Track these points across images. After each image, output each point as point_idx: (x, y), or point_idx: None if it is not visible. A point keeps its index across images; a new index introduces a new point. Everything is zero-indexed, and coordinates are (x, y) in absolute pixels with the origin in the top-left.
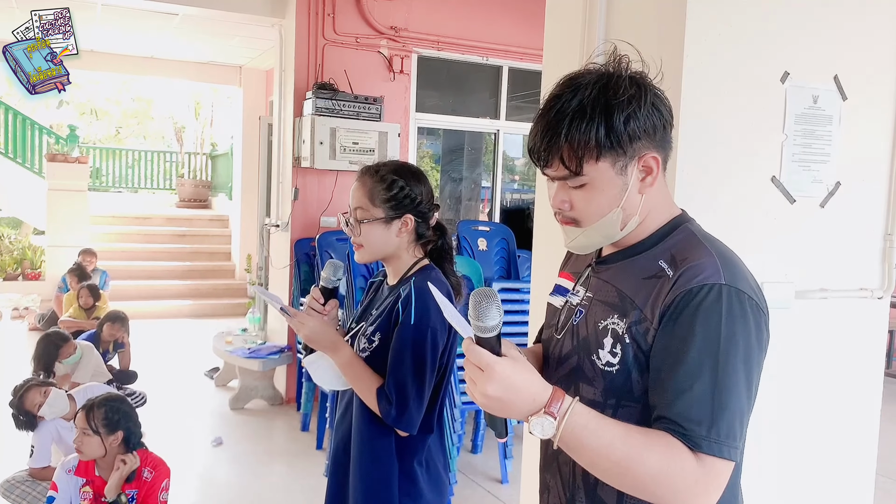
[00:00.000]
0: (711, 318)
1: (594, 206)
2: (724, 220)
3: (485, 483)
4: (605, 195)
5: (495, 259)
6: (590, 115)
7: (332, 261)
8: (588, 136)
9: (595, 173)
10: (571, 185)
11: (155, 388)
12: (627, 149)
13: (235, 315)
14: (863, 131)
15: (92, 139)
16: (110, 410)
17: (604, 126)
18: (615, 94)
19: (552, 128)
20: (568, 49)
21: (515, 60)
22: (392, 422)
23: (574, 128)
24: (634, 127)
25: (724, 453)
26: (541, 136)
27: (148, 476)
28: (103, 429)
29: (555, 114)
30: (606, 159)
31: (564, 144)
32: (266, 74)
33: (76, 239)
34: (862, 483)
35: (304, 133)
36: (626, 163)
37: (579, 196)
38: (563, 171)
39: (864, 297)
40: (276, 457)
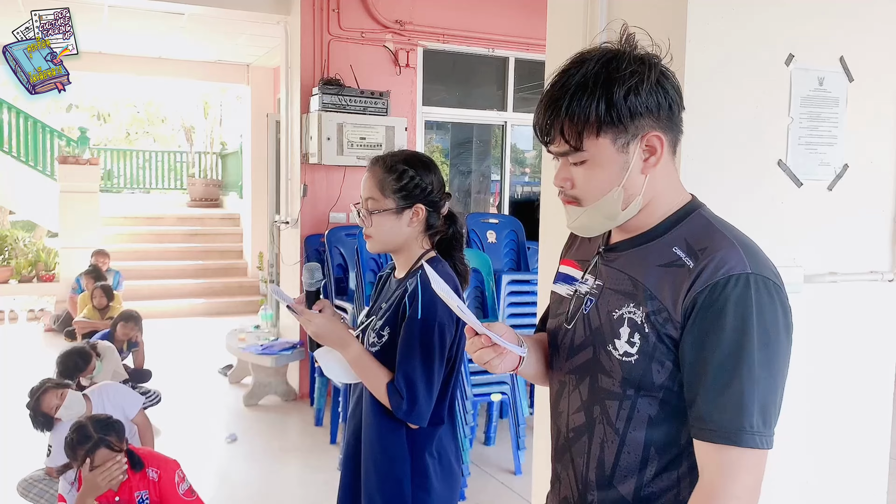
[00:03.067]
0: (742, 310)
1: (595, 184)
2: (731, 205)
3: (498, 474)
4: (606, 172)
5: (505, 251)
6: (591, 90)
7: (308, 264)
8: (588, 110)
9: (595, 149)
10: (573, 161)
11: (169, 387)
12: (629, 125)
13: (248, 312)
14: (870, 113)
15: (102, 141)
16: (76, 441)
17: (604, 100)
18: (617, 69)
19: (554, 102)
20: (570, 38)
21: (521, 51)
22: (403, 415)
23: (575, 102)
24: (635, 103)
25: (763, 444)
26: (543, 110)
27: (154, 475)
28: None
29: (558, 89)
30: (607, 135)
31: (565, 119)
32: (273, 72)
33: (89, 240)
34: (875, 467)
35: (311, 129)
36: (627, 140)
37: (580, 173)
38: (564, 146)
39: (875, 279)
40: (290, 452)
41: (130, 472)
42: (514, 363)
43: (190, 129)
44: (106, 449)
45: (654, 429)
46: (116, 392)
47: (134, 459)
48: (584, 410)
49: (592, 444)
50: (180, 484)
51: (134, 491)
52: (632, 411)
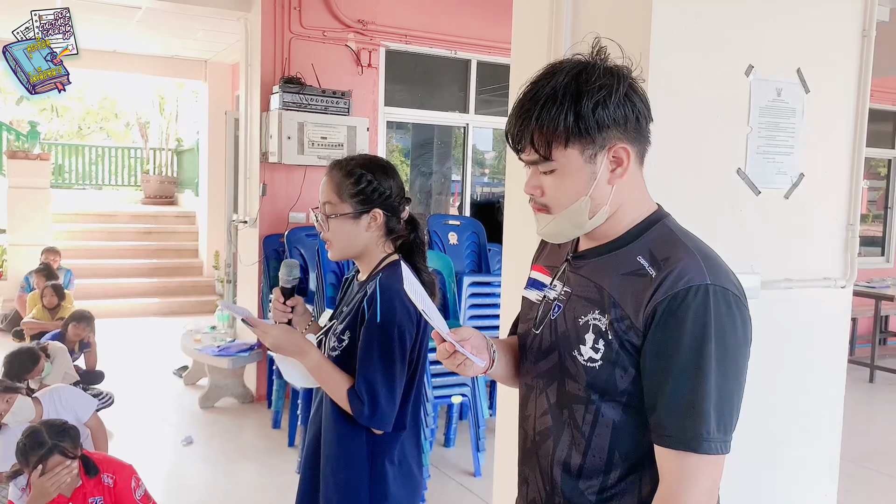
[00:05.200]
0: (702, 320)
1: (563, 193)
2: (691, 212)
3: (457, 476)
4: (574, 182)
5: (466, 253)
6: (560, 101)
7: (286, 261)
8: (557, 121)
9: (564, 159)
10: (542, 170)
11: (123, 388)
12: (596, 137)
13: (203, 313)
14: (825, 123)
15: (53, 135)
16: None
17: (572, 112)
18: (587, 81)
19: (525, 112)
20: (535, 43)
21: (484, 54)
22: (365, 421)
23: (545, 112)
24: (603, 115)
25: (721, 449)
26: (514, 119)
27: (108, 481)
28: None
29: (529, 99)
30: (575, 146)
31: (535, 128)
32: (232, 69)
33: (39, 237)
34: (827, 468)
35: (271, 128)
36: (595, 151)
37: (549, 182)
38: (534, 155)
39: (828, 286)
40: (247, 455)
41: (85, 477)
42: (485, 366)
43: (145, 125)
44: (59, 455)
45: (618, 433)
46: (68, 395)
47: (88, 465)
48: (550, 414)
49: (559, 446)
50: (136, 490)
51: (88, 497)
52: (596, 416)
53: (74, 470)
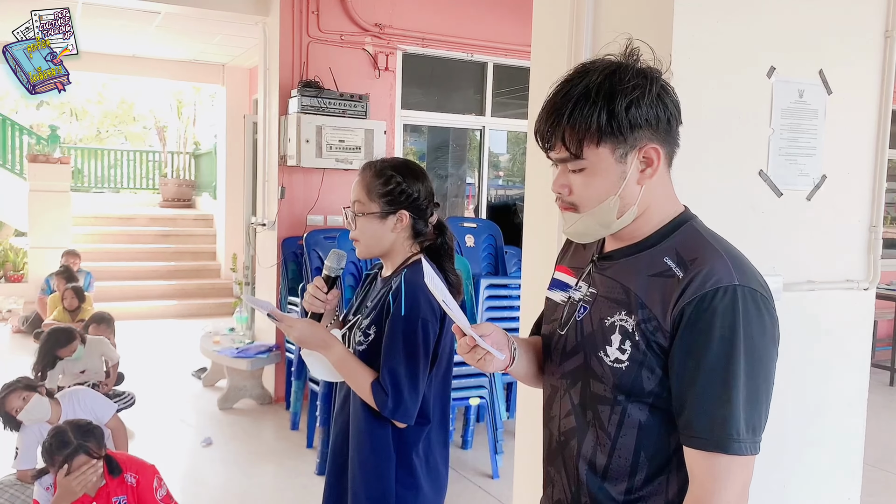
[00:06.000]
0: (730, 321)
1: (592, 192)
2: (714, 214)
3: (475, 478)
4: (604, 181)
5: (483, 255)
6: (593, 100)
7: (336, 250)
8: (590, 119)
9: (595, 158)
10: (571, 168)
11: (142, 390)
12: (628, 136)
13: (221, 315)
14: (847, 125)
15: (73, 139)
16: (55, 446)
17: (605, 111)
18: (620, 81)
19: (557, 110)
20: (556, 44)
21: (500, 56)
22: (388, 414)
23: (577, 111)
24: (636, 115)
25: (750, 450)
26: (546, 117)
27: (132, 480)
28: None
29: (561, 97)
30: (607, 145)
31: (567, 126)
32: (249, 72)
33: (59, 240)
34: (850, 472)
35: (289, 131)
36: (626, 151)
37: (578, 180)
38: (564, 152)
39: (850, 288)
40: (265, 456)
41: (108, 477)
42: (505, 362)
43: (163, 129)
44: (84, 455)
45: (644, 434)
46: (87, 397)
47: (112, 464)
48: (575, 414)
49: (584, 447)
50: (158, 489)
51: (112, 496)
52: (623, 416)
53: (99, 470)
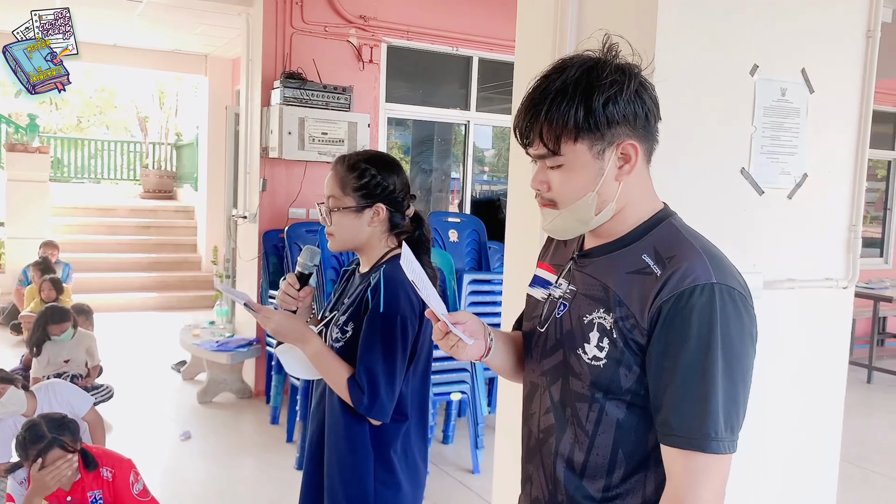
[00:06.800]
0: (707, 319)
1: (570, 188)
2: (695, 212)
3: (456, 473)
4: (581, 177)
5: (466, 250)
6: (570, 95)
7: (309, 246)
8: (567, 115)
9: (572, 154)
10: (549, 164)
11: (121, 383)
12: (605, 133)
13: (202, 307)
14: (829, 124)
15: (53, 129)
16: (29, 440)
17: (583, 107)
18: (598, 77)
19: (535, 106)
20: (540, 39)
21: (485, 51)
22: (364, 411)
23: (554, 107)
24: (613, 111)
25: (728, 449)
26: (523, 113)
27: (108, 475)
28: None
29: (539, 93)
30: (584, 141)
31: (544, 122)
32: (232, 63)
33: (37, 231)
34: (826, 468)
35: (271, 123)
36: (603, 147)
37: (556, 177)
38: (542, 149)
39: (830, 286)
40: (245, 450)
41: (84, 471)
42: (480, 351)
43: (144, 119)
44: (59, 449)
45: (622, 431)
46: (64, 390)
47: (87, 458)
48: (554, 412)
49: (562, 444)
50: (135, 484)
51: (87, 490)
52: (600, 414)
53: (74, 464)
